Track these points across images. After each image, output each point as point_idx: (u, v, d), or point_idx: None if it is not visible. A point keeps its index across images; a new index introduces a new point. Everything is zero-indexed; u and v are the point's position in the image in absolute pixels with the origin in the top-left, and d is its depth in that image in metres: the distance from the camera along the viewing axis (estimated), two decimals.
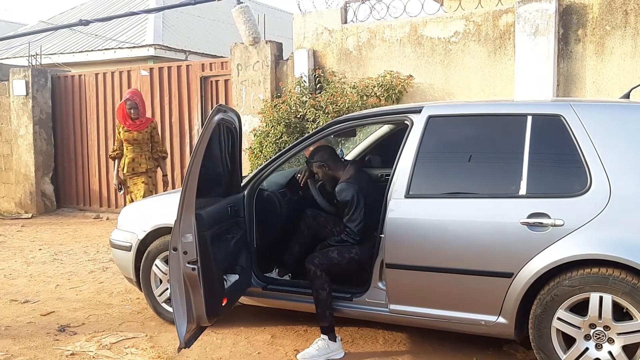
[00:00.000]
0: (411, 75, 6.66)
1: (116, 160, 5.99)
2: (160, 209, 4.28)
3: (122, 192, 6.09)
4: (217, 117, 3.21)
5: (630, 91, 3.66)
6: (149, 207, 4.52)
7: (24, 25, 15.84)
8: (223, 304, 3.37)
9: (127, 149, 5.88)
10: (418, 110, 3.57)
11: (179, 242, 3.09)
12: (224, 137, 3.50)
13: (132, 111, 5.79)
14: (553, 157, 3.22)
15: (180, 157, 8.82)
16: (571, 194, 3.05)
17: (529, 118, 3.24)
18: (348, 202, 3.66)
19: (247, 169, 6.68)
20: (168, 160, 8.90)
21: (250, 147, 7.16)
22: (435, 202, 3.39)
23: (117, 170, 5.96)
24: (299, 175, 4.14)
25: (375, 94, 6.53)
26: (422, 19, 6.67)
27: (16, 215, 9.64)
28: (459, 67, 6.47)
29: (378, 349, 3.75)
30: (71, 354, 3.70)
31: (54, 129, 9.88)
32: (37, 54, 10.02)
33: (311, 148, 4.03)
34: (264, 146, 6.91)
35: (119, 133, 5.91)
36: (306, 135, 4.03)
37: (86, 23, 3.85)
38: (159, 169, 6.26)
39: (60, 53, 12.64)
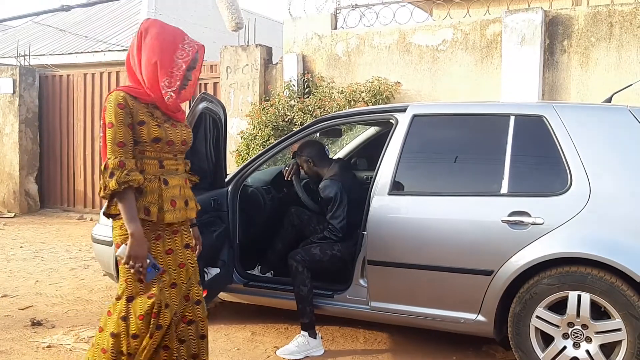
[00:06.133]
0: (399, 82, 6.71)
1: (126, 195, 2.29)
2: None
3: (159, 272, 2.36)
4: (201, 106, 3.17)
5: (612, 96, 3.72)
6: None
7: (14, 27, 15.76)
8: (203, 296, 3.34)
9: (156, 167, 2.42)
10: (403, 110, 3.60)
11: None
12: (209, 128, 3.48)
13: (191, 73, 2.46)
14: (535, 156, 3.26)
15: None
16: (552, 193, 3.08)
17: (512, 118, 3.28)
18: (331, 198, 3.67)
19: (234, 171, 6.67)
20: None
21: (237, 150, 7.16)
22: (418, 199, 3.41)
23: (132, 222, 2.29)
24: (286, 168, 4.15)
25: (363, 99, 6.56)
26: (410, 27, 6.73)
27: None
28: (446, 75, 6.53)
29: (358, 347, 3.74)
30: (47, 346, 3.65)
31: (40, 128, 9.80)
32: (25, 54, 9.97)
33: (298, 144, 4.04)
34: (251, 149, 6.92)
35: (143, 128, 2.36)
36: (292, 132, 4.04)
37: (68, 8, 3.84)
38: None
39: (50, 54, 12.57)
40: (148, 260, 2.29)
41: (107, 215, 2.39)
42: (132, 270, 2.29)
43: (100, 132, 2.41)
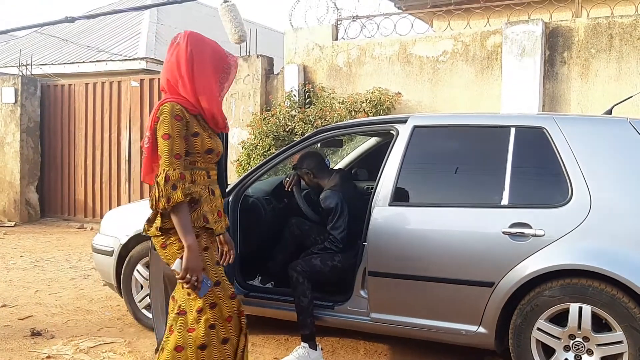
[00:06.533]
0: (399, 93, 6.73)
1: (183, 207, 2.30)
2: (144, 212, 4.24)
3: (211, 286, 2.36)
4: None
5: (612, 107, 3.73)
6: (133, 211, 4.49)
7: (17, 37, 15.83)
8: None
9: (205, 177, 2.48)
10: (404, 121, 3.60)
11: None
12: None
13: (225, 86, 2.54)
14: (535, 168, 3.26)
15: None
16: (552, 205, 3.07)
17: (513, 130, 3.28)
18: (332, 209, 3.67)
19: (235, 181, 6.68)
20: None
21: (238, 159, 7.17)
22: (419, 210, 3.41)
23: (189, 235, 2.30)
24: (287, 179, 4.15)
25: (364, 109, 6.58)
26: (411, 38, 6.76)
27: None
28: (446, 86, 6.55)
29: (359, 359, 3.73)
30: (47, 357, 3.65)
31: (42, 137, 9.84)
32: (27, 64, 10.01)
33: (298, 155, 4.04)
34: (252, 158, 6.93)
35: (197, 140, 2.40)
36: (292, 142, 4.05)
37: (72, 20, 3.86)
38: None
39: (52, 64, 12.62)
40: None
41: (162, 230, 2.35)
42: (186, 285, 2.27)
43: (146, 143, 2.39)
